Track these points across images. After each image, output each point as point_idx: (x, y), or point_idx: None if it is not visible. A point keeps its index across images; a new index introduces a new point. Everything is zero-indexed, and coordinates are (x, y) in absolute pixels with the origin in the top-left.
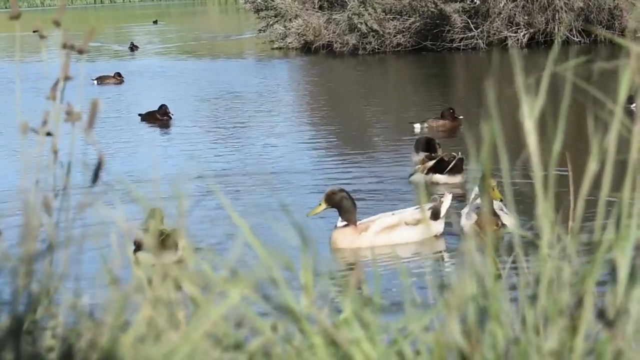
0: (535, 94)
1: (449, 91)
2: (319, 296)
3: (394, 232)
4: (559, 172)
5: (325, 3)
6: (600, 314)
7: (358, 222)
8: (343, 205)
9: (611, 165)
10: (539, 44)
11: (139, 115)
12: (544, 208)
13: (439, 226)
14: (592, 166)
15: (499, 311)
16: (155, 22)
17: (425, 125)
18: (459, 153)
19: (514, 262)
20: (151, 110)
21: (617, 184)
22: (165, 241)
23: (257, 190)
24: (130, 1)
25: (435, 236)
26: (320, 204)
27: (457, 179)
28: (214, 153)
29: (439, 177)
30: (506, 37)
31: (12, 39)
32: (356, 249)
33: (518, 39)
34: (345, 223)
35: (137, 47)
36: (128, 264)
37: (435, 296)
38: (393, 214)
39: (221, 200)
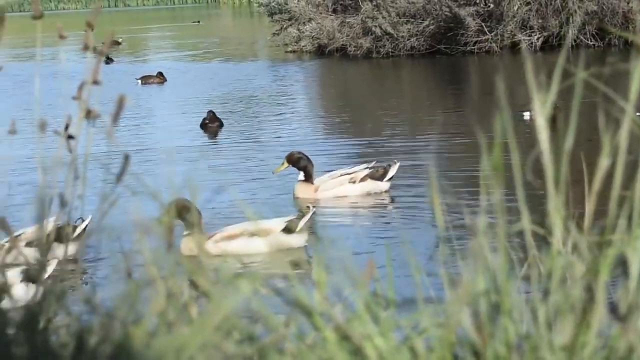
0: (547, 92)
1: (464, 94)
2: (332, 291)
3: (234, 242)
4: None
5: (339, 6)
6: (612, 310)
7: (222, 230)
8: (187, 217)
9: (623, 162)
10: (552, 47)
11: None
12: (555, 204)
13: (297, 239)
14: (603, 163)
15: (511, 306)
16: (197, 22)
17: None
18: (395, 161)
19: (526, 258)
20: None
21: (630, 181)
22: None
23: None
24: (144, 5)
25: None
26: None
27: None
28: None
29: (381, 185)
30: (520, 41)
31: (32, 40)
32: (204, 257)
33: (532, 43)
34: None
35: (112, 59)
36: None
37: (447, 292)
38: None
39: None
